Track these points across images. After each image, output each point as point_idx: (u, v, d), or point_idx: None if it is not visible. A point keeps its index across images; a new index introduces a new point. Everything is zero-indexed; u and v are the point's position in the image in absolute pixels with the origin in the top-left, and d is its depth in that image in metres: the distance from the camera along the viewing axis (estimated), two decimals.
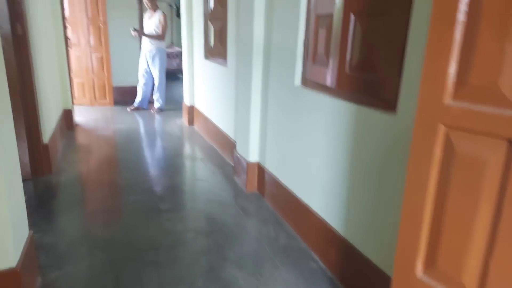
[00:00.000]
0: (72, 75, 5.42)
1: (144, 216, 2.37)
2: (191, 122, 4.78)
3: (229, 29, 3.25)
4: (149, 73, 5.39)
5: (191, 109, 4.75)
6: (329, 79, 1.78)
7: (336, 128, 1.76)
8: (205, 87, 4.15)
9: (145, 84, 5.43)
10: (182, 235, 2.16)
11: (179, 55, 9.15)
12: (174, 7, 9.88)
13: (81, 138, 4.04)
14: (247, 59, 2.63)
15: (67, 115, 4.22)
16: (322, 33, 1.82)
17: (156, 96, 5.47)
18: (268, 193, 2.64)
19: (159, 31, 5.16)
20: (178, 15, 9.61)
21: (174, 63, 9.34)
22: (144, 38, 5.22)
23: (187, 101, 4.79)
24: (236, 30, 3.04)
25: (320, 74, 1.86)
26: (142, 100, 5.49)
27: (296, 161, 2.21)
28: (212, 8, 3.64)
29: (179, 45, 9.77)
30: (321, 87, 1.87)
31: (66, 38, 4.36)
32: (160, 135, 4.40)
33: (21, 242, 1.55)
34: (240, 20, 2.75)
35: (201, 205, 2.60)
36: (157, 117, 5.25)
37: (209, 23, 3.73)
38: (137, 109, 5.50)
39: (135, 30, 5.10)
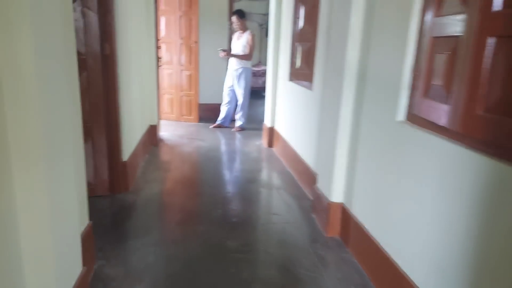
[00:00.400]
0: (163, 91, 5.66)
1: (210, 253, 2.16)
2: (270, 144, 4.57)
3: (317, 51, 2.96)
4: (233, 92, 5.36)
5: (271, 131, 4.55)
6: (448, 118, 1.36)
7: (456, 183, 1.32)
8: (287, 110, 3.91)
9: (228, 103, 5.41)
10: (249, 286, 1.89)
11: (265, 73, 9.18)
12: (264, 26, 9.99)
13: (163, 154, 4.10)
14: (337, 85, 2.30)
15: (153, 130, 4.33)
16: (441, 59, 1.41)
17: (238, 115, 5.40)
18: (352, 242, 2.23)
19: (247, 51, 5.11)
20: (268, 35, 9.68)
21: (260, 81, 9.39)
22: (231, 58, 5.22)
23: (267, 122, 4.60)
24: (325, 52, 2.74)
25: (435, 110, 1.44)
26: (225, 118, 5.48)
27: (391, 211, 1.79)
28: (300, 28, 3.40)
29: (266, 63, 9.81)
30: (435, 127, 1.45)
31: (158, 57, 4.53)
32: (238, 155, 4.27)
33: (69, 282, 1.43)
34: (332, 41, 2.44)
35: (274, 247, 2.30)
36: (238, 135, 5.16)
37: (297, 43, 3.50)
38: (219, 126, 5.49)
39: (223, 50, 5.14)
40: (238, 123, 5.41)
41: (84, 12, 2.39)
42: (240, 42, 5.14)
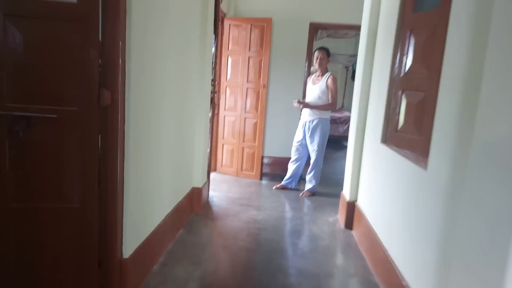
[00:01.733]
0: (223, 141, 4.85)
1: None
2: (349, 224, 3.33)
3: (440, 106, 1.79)
4: (304, 147, 4.29)
5: (351, 206, 3.32)
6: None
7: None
8: (377, 184, 2.69)
9: (297, 160, 4.34)
10: None
11: (348, 120, 7.95)
12: (351, 68, 8.84)
13: (202, 230, 3.12)
14: (499, 175, 1.11)
15: (196, 194, 3.43)
16: None
17: (309, 176, 4.28)
18: None
19: (329, 99, 4.07)
20: (354, 77, 8.54)
21: (340, 129, 8.17)
22: (304, 109, 4.21)
23: (347, 193, 3.40)
24: (460, 109, 1.56)
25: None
26: (291, 178, 4.39)
27: None
28: (407, 70, 2.25)
29: (350, 109, 8.60)
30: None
31: (214, 104, 3.73)
32: (303, 241, 3.10)
33: None
34: (483, 90, 1.27)
35: None
36: (307, 203, 4.02)
37: (399, 91, 2.34)
38: (284, 188, 4.42)
39: (299, 102, 4.17)
40: (308, 186, 4.28)
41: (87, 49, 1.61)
42: (317, 87, 4.13)
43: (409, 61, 2.22)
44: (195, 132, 3.35)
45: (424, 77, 1.99)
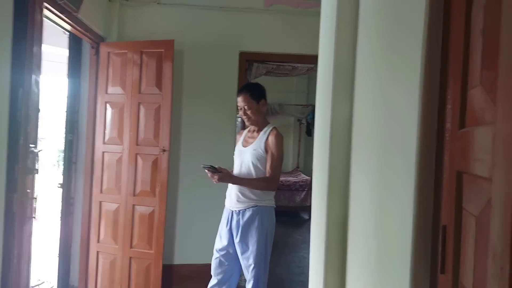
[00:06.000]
0: (97, 246, 2.80)
1: None
2: None
3: None
4: (232, 260, 2.35)
5: None
6: None
7: None
8: None
9: (220, 283, 2.37)
10: None
11: (306, 186, 6.21)
12: (304, 123, 7.19)
13: None
14: None
15: None
16: None
17: None
18: None
19: (268, 170, 2.26)
20: (308, 133, 6.95)
21: (297, 198, 6.36)
22: (230, 187, 2.36)
23: None
24: None
25: None
26: None
27: None
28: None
29: (308, 172, 6.89)
30: None
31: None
32: None
33: None
34: None
35: None
36: None
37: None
38: None
39: (209, 170, 2.26)
40: None
41: None
42: (250, 151, 2.32)
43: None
44: None
45: None
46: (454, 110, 0.79)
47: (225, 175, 2.24)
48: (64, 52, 3.07)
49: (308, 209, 6.12)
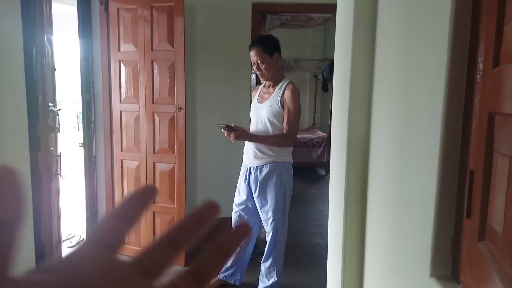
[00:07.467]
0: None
1: None
2: None
3: None
4: (252, 213, 2.42)
5: None
6: None
7: None
8: None
9: None
10: None
11: (322, 142, 6.18)
12: (321, 78, 7.04)
13: None
14: None
15: None
16: None
17: (265, 267, 2.40)
18: None
19: (285, 127, 2.24)
20: (325, 88, 6.79)
21: (313, 155, 6.37)
22: (247, 143, 2.37)
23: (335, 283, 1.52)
24: None
25: None
26: (236, 267, 2.50)
27: None
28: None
29: (324, 128, 6.84)
30: None
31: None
32: None
33: None
34: None
35: None
36: None
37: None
38: (223, 284, 2.52)
39: (226, 129, 2.26)
40: (265, 283, 2.39)
41: None
42: (266, 107, 2.30)
43: None
44: None
45: None
46: (487, 48, 0.73)
47: (241, 133, 2.23)
48: (73, 11, 3.01)
49: (324, 165, 6.15)
